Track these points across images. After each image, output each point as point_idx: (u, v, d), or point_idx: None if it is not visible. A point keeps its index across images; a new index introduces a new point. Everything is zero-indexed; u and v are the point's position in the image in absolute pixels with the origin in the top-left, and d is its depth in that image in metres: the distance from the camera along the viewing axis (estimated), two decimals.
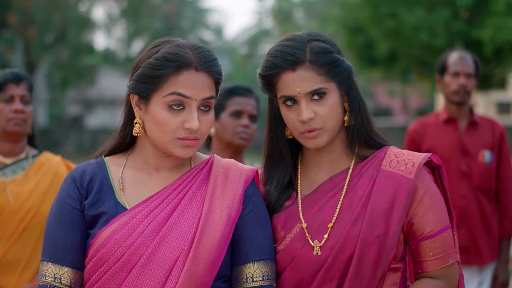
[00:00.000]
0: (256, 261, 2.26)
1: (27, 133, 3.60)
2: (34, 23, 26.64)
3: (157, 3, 33.13)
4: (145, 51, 2.27)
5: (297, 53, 2.28)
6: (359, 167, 2.35)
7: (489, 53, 16.46)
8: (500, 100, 34.38)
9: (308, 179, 2.39)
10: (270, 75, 2.31)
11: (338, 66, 2.31)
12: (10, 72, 3.55)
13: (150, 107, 2.21)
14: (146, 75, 2.21)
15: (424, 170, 2.33)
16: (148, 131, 2.24)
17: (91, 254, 2.20)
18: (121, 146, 2.33)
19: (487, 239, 4.76)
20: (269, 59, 2.31)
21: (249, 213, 2.28)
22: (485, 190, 4.76)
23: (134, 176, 2.29)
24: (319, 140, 2.30)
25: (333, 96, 2.30)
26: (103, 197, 2.25)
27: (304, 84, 2.27)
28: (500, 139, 4.80)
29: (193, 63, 2.20)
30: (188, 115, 2.19)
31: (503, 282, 4.80)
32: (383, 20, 17.20)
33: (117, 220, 2.20)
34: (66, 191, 2.27)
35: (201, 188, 2.28)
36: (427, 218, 2.29)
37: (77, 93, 39.17)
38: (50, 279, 2.20)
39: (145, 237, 2.18)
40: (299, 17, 43.04)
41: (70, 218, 2.24)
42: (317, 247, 2.28)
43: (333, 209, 2.30)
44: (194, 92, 2.19)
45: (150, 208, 2.22)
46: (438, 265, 2.30)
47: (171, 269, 2.17)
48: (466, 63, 4.75)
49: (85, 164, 2.33)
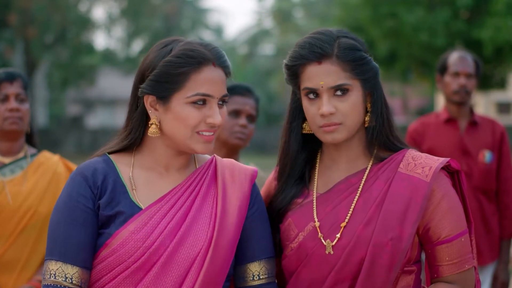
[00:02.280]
0: (262, 259, 2.30)
1: (24, 131, 3.60)
2: (34, 23, 26.65)
3: (157, 3, 33.12)
4: (154, 51, 2.25)
5: (324, 46, 2.27)
6: (376, 168, 2.33)
7: (489, 53, 16.46)
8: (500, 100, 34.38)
9: (325, 177, 2.38)
10: (295, 65, 2.30)
11: (365, 65, 2.30)
12: (3, 72, 3.54)
13: (171, 106, 2.20)
14: (166, 74, 2.19)
15: (441, 174, 2.30)
16: (168, 129, 2.23)
17: (106, 254, 2.18)
18: (129, 147, 2.32)
19: (487, 239, 4.76)
20: (296, 49, 2.32)
21: (255, 212, 2.31)
22: (485, 190, 4.76)
23: (144, 175, 2.28)
24: (336, 135, 2.28)
25: (356, 94, 2.29)
26: (117, 196, 2.23)
27: (328, 78, 2.26)
28: (500, 139, 4.80)
29: (211, 59, 2.22)
30: (209, 110, 2.21)
31: (504, 283, 4.79)
32: (383, 20, 17.20)
33: (134, 220, 2.19)
34: (76, 189, 2.23)
35: (211, 188, 2.29)
36: (444, 223, 2.27)
37: (77, 93, 39.20)
38: (61, 279, 2.17)
39: (165, 237, 2.18)
40: (299, 17, 43.07)
41: (83, 217, 2.21)
42: (330, 246, 2.27)
43: (347, 208, 2.29)
44: (215, 89, 2.22)
45: (166, 207, 2.22)
46: (454, 270, 2.28)
47: (189, 269, 2.17)
48: (466, 63, 4.75)
49: (92, 162, 2.29)
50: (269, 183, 2.49)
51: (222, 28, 52.67)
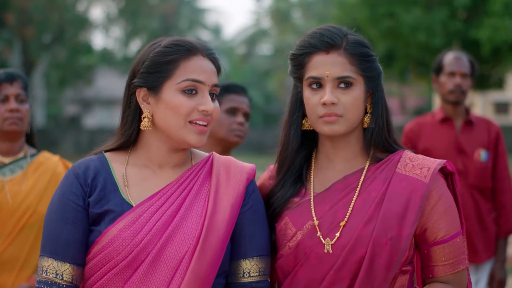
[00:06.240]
0: (254, 257, 2.30)
1: (24, 132, 3.61)
2: (32, 23, 26.62)
3: (155, 3, 33.11)
4: (144, 49, 2.30)
5: (334, 37, 2.30)
6: (373, 168, 2.34)
7: (486, 53, 16.50)
8: (498, 100, 34.42)
9: (321, 176, 2.39)
10: (303, 54, 2.32)
11: (370, 62, 2.32)
12: (3, 72, 3.55)
13: (162, 95, 2.23)
14: (156, 63, 2.23)
15: (438, 176, 2.32)
16: (160, 120, 2.25)
17: (96, 251, 2.21)
18: (125, 145, 2.34)
19: (483, 238, 4.78)
20: (305, 38, 2.34)
21: (249, 210, 2.31)
22: (481, 189, 4.78)
23: (137, 173, 2.30)
24: (335, 127, 2.29)
25: (359, 89, 2.30)
26: (108, 195, 2.25)
27: (334, 68, 2.28)
28: (496, 139, 4.82)
29: (200, 49, 2.26)
30: (201, 99, 2.24)
31: (500, 281, 4.80)
32: (381, 20, 17.23)
33: (124, 217, 2.21)
34: (68, 187, 2.26)
35: (205, 185, 2.30)
36: (441, 223, 2.29)
37: (75, 92, 39.15)
38: (52, 275, 2.20)
39: (153, 235, 2.19)
40: (297, 17, 43.05)
41: (73, 214, 2.23)
42: (329, 245, 2.27)
43: (346, 208, 2.30)
44: (206, 76, 2.24)
45: (157, 205, 2.23)
46: (450, 270, 2.30)
47: (177, 267, 2.19)
48: (462, 63, 4.78)
49: (86, 160, 2.33)
50: (263, 182, 2.49)
51: (220, 28, 52.63)
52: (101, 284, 2.20)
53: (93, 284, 2.22)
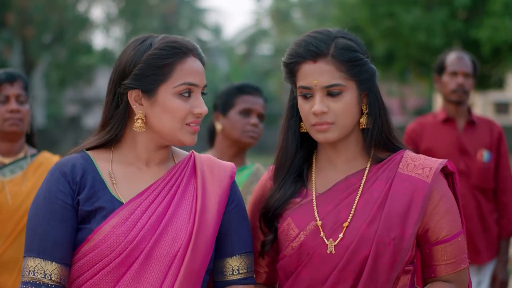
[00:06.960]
0: (242, 254, 2.32)
1: (24, 132, 3.60)
2: (32, 23, 26.62)
3: (155, 3, 33.13)
4: (132, 48, 2.26)
5: (320, 45, 2.28)
6: (375, 168, 2.34)
7: (486, 53, 16.50)
8: (498, 100, 34.44)
9: (322, 177, 2.38)
10: (292, 63, 2.31)
11: (360, 66, 2.30)
12: (4, 72, 3.55)
13: (158, 98, 2.22)
14: (152, 66, 2.22)
15: (440, 175, 2.32)
16: (156, 123, 2.24)
17: (87, 250, 2.18)
18: (108, 143, 2.32)
19: (485, 238, 4.77)
20: (293, 47, 2.33)
21: (234, 208, 2.33)
22: (483, 189, 4.78)
23: (124, 170, 2.29)
24: (328, 135, 2.29)
25: (350, 94, 2.29)
26: (97, 192, 2.23)
27: (322, 77, 2.27)
28: (498, 139, 4.82)
29: (192, 50, 2.27)
30: (195, 101, 2.25)
31: (503, 282, 4.81)
32: (381, 20, 17.23)
33: (116, 214, 2.20)
34: (55, 185, 2.23)
35: (190, 183, 2.30)
36: (443, 223, 2.29)
37: (75, 93, 39.18)
38: (40, 275, 2.16)
39: (146, 231, 2.19)
40: (297, 17, 43.09)
41: (61, 213, 2.20)
42: (332, 245, 2.27)
43: (349, 209, 2.29)
44: (199, 79, 2.26)
45: (148, 202, 2.23)
46: (451, 269, 2.31)
47: (171, 264, 2.19)
48: (464, 63, 4.77)
49: (71, 158, 2.29)
50: (263, 182, 2.48)
51: (220, 28, 52.68)
52: (91, 284, 2.18)
53: (82, 284, 2.19)
